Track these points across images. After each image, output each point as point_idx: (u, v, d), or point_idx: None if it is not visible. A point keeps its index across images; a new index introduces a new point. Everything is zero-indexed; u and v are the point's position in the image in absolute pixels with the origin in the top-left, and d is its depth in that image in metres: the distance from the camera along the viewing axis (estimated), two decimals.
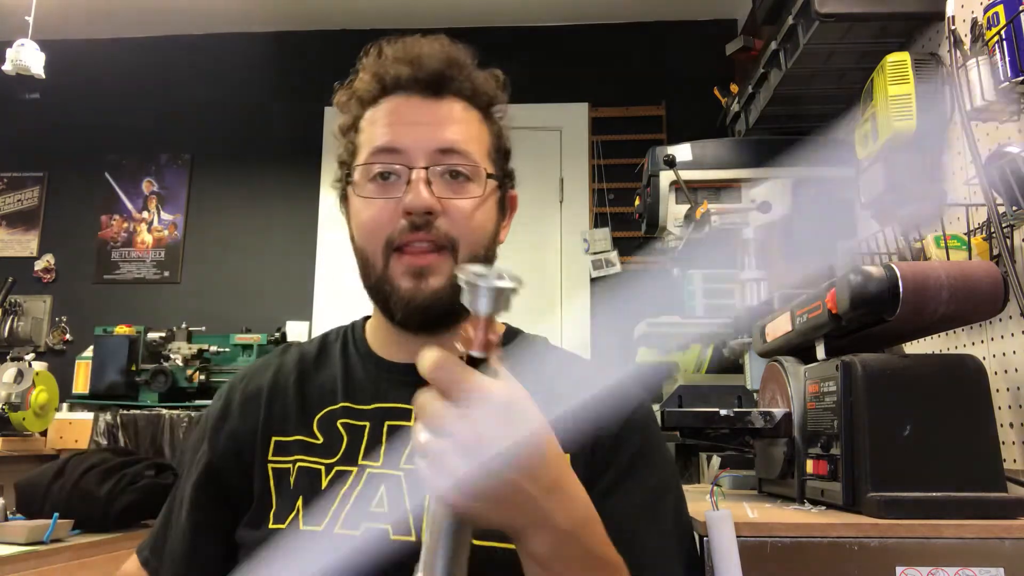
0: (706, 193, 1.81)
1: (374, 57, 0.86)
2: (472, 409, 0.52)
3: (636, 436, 0.80)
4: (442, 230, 0.79)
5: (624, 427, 0.80)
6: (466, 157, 0.81)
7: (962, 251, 1.35)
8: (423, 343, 0.84)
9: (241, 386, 0.89)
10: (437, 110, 0.83)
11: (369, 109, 0.85)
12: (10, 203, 3.67)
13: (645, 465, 0.79)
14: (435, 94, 0.83)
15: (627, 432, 0.80)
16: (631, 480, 0.78)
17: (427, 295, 0.79)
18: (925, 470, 0.88)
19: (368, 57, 0.87)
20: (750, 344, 1.61)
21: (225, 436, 0.85)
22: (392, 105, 0.83)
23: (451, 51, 0.85)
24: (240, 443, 0.84)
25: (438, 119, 0.82)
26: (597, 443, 0.79)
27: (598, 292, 3.29)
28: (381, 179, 0.81)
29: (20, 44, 2.84)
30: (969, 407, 0.91)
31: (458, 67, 0.84)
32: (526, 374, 0.85)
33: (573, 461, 0.78)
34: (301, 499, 0.78)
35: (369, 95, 0.85)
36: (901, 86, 1.56)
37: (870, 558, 0.81)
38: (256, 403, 0.86)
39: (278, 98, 3.58)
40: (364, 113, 0.85)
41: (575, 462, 0.78)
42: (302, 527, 0.76)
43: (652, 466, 0.80)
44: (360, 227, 0.83)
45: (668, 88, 3.41)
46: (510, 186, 0.91)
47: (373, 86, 0.85)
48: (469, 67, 0.86)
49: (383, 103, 0.84)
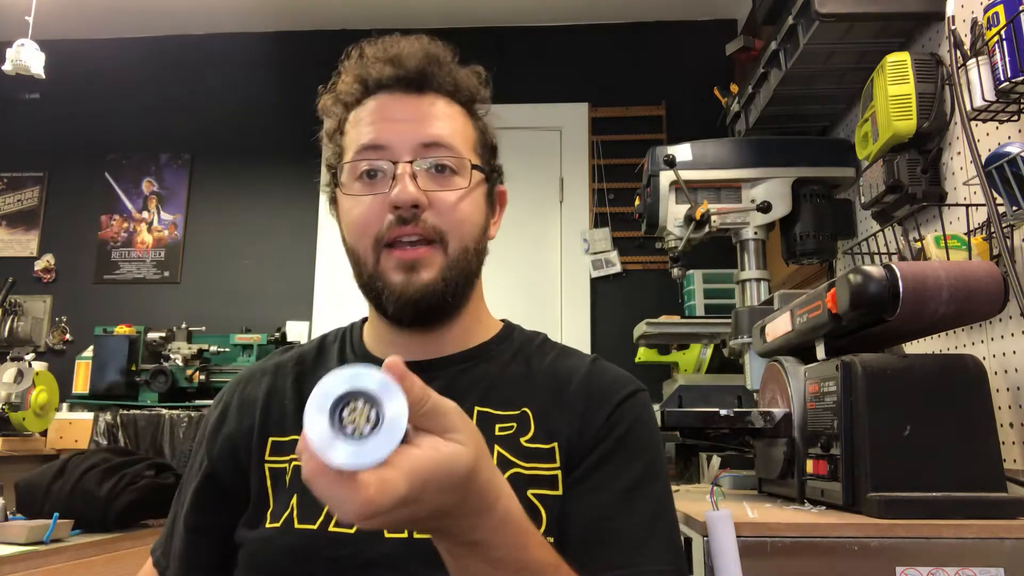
0: (706, 193, 1.81)
1: (355, 59, 0.87)
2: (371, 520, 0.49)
3: (623, 423, 0.80)
4: (429, 223, 0.80)
5: (612, 414, 0.81)
6: (451, 150, 0.82)
7: (962, 251, 1.35)
8: (419, 340, 0.85)
9: (238, 390, 0.90)
10: (420, 106, 0.83)
11: (353, 110, 0.86)
12: (10, 203, 3.67)
13: (629, 453, 0.79)
14: (417, 90, 0.84)
15: (615, 419, 0.80)
16: (612, 465, 0.78)
17: (418, 288, 0.79)
18: (925, 470, 0.88)
19: (349, 59, 0.87)
20: (750, 344, 1.61)
21: (223, 439, 0.86)
22: (375, 104, 0.84)
23: (431, 48, 0.85)
24: (237, 445, 0.85)
25: (421, 115, 0.83)
26: (584, 429, 0.80)
27: (598, 292, 3.29)
28: (368, 177, 0.82)
29: (20, 44, 2.84)
30: (969, 407, 0.91)
31: (438, 64, 0.85)
32: (524, 370, 0.86)
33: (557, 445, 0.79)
34: (296, 497, 0.78)
35: (352, 97, 0.86)
36: (901, 86, 1.57)
37: (870, 558, 0.81)
38: (252, 406, 0.86)
39: (278, 98, 3.58)
40: (348, 115, 0.86)
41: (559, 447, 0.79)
42: (297, 525, 0.76)
43: (637, 453, 0.79)
44: (349, 226, 0.84)
45: (668, 88, 3.41)
46: (498, 181, 0.91)
47: (355, 87, 0.85)
48: (450, 63, 0.86)
49: (366, 103, 0.85)
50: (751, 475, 1.28)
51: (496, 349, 0.88)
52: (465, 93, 0.87)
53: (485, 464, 0.57)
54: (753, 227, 1.83)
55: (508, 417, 0.81)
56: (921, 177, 1.58)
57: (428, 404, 0.52)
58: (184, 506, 0.86)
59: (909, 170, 1.58)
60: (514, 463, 0.78)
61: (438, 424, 0.53)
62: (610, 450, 0.79)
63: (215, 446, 0.86)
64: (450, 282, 0.80)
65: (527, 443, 0.79)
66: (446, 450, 0.52)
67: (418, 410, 0.51)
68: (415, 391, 0.51)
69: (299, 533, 0.76)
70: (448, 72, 0.85)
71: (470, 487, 0.54)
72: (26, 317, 3.53)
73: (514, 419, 0.81)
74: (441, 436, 0.53)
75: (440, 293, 0.80)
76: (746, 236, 1.84)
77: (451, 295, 0.81)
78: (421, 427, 0.53)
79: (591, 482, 0.77)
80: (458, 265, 0.81)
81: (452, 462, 0.52)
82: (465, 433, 0.54)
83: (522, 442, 0.79)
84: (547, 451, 0.79)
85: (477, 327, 0.89)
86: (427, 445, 0.52)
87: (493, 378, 0.85)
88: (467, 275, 0.83)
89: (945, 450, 0.89)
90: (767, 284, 1.84)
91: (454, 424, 0.54)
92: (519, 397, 0.83)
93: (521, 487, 0.76)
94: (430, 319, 0.83)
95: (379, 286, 0.81)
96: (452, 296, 0.81)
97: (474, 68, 0.89)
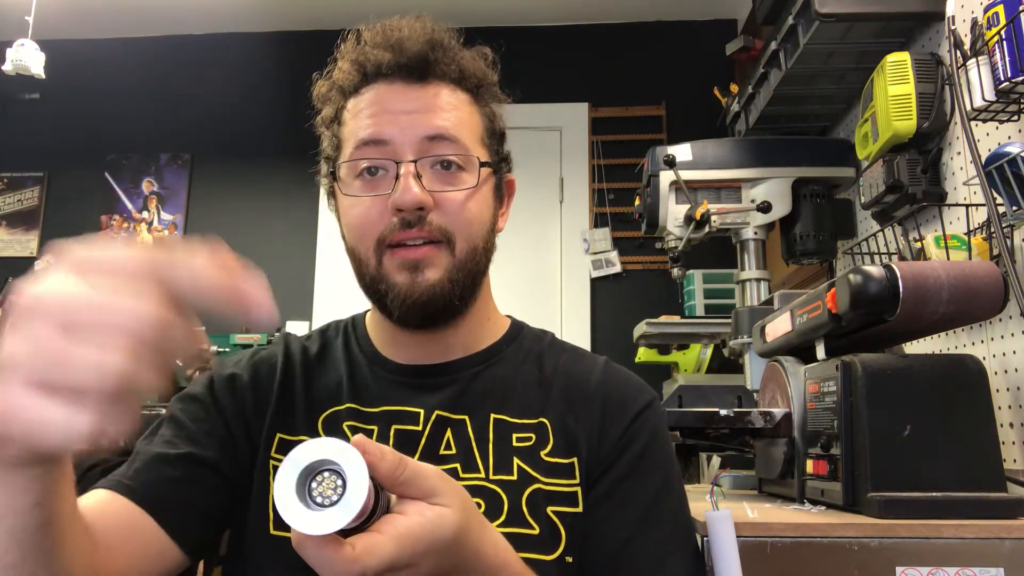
0: (706, 193, 1.81)
1: (352, 43, 0.82)
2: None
3: (641, 438, 0.80)
4: (436, 224, 0.75)
5: (630, 427, 0.80)
6: (457, 144, 0.77)
7: (962, 251, 1.35)
8: (427, 340, 0.82)
9: (250, 365, 0.84)
10: (423, 96, 0.78)
11: (351, 99, 0.80)
12: (10, 203, 3.67)
13: (646, 468, 0.79)
14: (419, 79, 0.79)
15: (632, 432, 0.80)
16: (631, 482, 0.78)
17: (424, 289, 0.76)
18: (925, 470, 0.88)
19: (347, 43, 0.82)
20: (750, 344, 1.61)
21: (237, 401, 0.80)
22: (375, 94, 0.79)
23: (434, 32, 0.80)
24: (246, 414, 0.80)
25: (424, 106, 0.77)
26: (602, 442, 0.79)
27: (598, 292, 3.29)
28: (368, 175, 0.77)
29: (20, 44, 2.84)
30: (969, 407, 0.91)
31: (442, 49, 0.79)
32: (537, 373, 0.84)
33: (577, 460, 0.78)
34: None
35: (350, 84, 0.80)
36: (901, 86, 1.57)
37: (870, 558, 0.81)
38: (268, 390, 0.82)
39: (278, 98, 3.57)
40: (346, 104, 0.81)
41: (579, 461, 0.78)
42: None
43: (653, 468, 0.79)
44: (350, 227, 0.79)
45: (668, 88, 3.41)
46: (506, 170, 0.86)
47: (354, 75, 0.80)
48: (454, 48, 0.81)
49: (365, 92, 0.79)
50: (751, 475, 1.28)
51: (507, 350, 0.86)
52: (471, 79, 0.82)
53: (475, 521, 0.57)
54: (753, 227, 1.83)
55: (526, 427, 0.79)
56: (921, 177, 1.58)
57: (407, 471, 0.52)
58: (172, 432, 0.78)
59: (909, 170, 1.58)
60: (536, 478, 0.76)
61: (420, 489, 0.53)
62: (629, 467, 0.78)
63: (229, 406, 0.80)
64: (457, 283, 0.77)
65: (547, 457, 0.78)
66: (431, 513, 0.53)
67: (397, 478, 0.52)
68: (388, 460, 0.51)
69: None
70: (452, 58, 0.80)
71: (464, 544, 0.55)
72: None
73: (532, 429, 0.79)
74: (425, 501, 0.53)
75: (447, 294, 0.76)
76: (746, 236, 1.84)
77: (458, 297, 0.78)
78: (405, 495, 0.53)
79: (611, 503, 0.76)
80: (466, 266, 0.78)
81: (440, 523, 0.53)
82: (449, 495, 0.54)
83: (542, 456, 0.78)
84: (567, 466, 0.78)
85: (486, 325, 0.86)
86: (412, 511, 0.52)
87: (507, 382, 0.82)
88: (475, 275, 0.79)
89: (945, 450, 0.89)
90: (767, 284, 1.84)
91: (437, 487, 0.54)
92: (535, 405, 0.81)
93: (542, 503, 0.75)
94: (437, 321, 0.79)
95: (382, 288, 0.77)
96: (459, 298, 0.78)
97: (480, 49, 0.85)
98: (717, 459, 1.65)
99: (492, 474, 0.76)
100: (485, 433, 0.79)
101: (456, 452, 0.78)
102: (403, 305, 0.76)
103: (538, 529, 0.74)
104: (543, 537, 0.74)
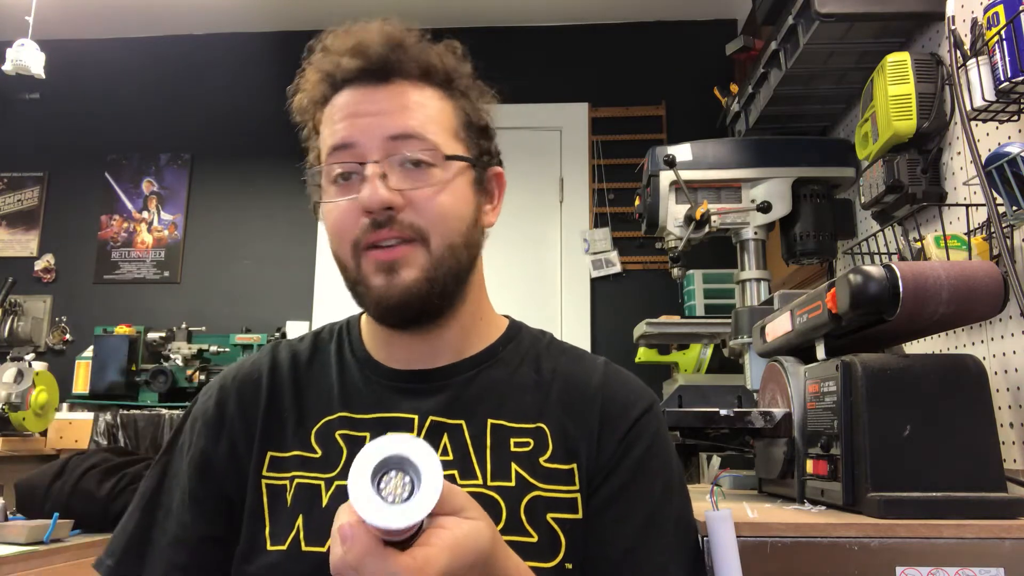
0: (706, 193, 1.81)
1: (319, 53, 0.82)
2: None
3: (641, 443, 0.79)
4: (407, 222, 0.75)
5: (629, 432, 0.79)
6: (423, 141, 0.76)
7: (962, 251, 1.35)
8: (416, 341, 0.81)
9: (235, 387, 0.84)
10: (387, 97, 0.78)
11: (323, 109, 0.81)
12: (10, 203, 3.67)
13: (647, 474, 0.78)
14: (383, 80, 0.78)
15: (632, 438, 0.79)
16: (632, 489, 0.77)
17: (400, 290, 0.75)
18: (925, 470, 0.88)
19: (314, 53, 0.83)
20: (750, 344, 1.61)
21: (225, 437, 0.81)
22: (342, 100, 0.79)
23: (392, 31, 0.79)
24: (237, 448, 0.80)
25: (388, 107, 0.77)
26: (601, 447, 0.78)
27: (598, 292, 3.29)
28: (342, 180, 0.77)
29: (20, 44, 2.84)
30: (969, 407, 0.91)
31: (402, 48, 0.79)
32: (535, 376, 0.84)
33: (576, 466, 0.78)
34: (301, 517, 0.75)
35: (321, 95, 0.81)
36: (901, 86, 1.57)
37: (870, 558, 0.81)
38: (254, 411, 0.82)
39: (278, 98, 3.55)
40: (320, 114, 0.82)
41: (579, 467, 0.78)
42: (304, 548, 0.73)
43: (654, 474, 0.79)
44: (329, 232, 0.80)
45: (668, 88, 3.41)
46: (491, 163, 0.85)
47: (322, 85, 0.81)
48: (416, 45, 0.80)
49: (335, 100, 0.80)
50: (751, 475, 1.28)
51: (504, 352, 0.84)
52: (439, 74, 0.80)
53: (497, 534, 0.62)
54: (753, 227, 1.83)
55: (523, 431, 0.79)
56: (921, 177, 1.58)
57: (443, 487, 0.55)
58: (178, 497, 0.80)
59: (909, 170, 1.58)
60: (534, 485, 0.76)
61: (451, 505, 0.57)
62: (629, 473, 0.78)
63: (215, 442, 0.81)
64: (436, 282, 0.76)
65: (546, 463, 0.77)
66: (467, 526, 0.57)
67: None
68: None
69: (309, 557, 0.73)
70: (413, 55, 0.79)
71: (496, 555, 0.60)
72: (26, 317, 3.53)
73: (530, 434, 0.78)
74: (458, 515, 0.57)
75: (424, 294, 0.75)
76: (746, 236, 1.84)
77: (438, 296, 0.77)
78: (438, 511, 0.56)
79: (612, 510, 0.76)
80: (444, 263, 0.76)
81: (477, 536, 0.57)
82: (476, 509, 0.59)
83: (541, 462, 0.77)
84: (566, 472, 0.77)
85: (480, 326, 0.85)
86: (451, 524, 0.56)
87: (503, 386, 0.81)
88: (456, 272, 0.78)
89: (945, 450, 0.89)
90: (767, 284, 1.84)
91: (466, 503, 0.58)
92: (533, 409, 0.80)
93: (541, 510, 0.75)
94: (420, 321, 0.79)
95: (362, 291, 0.77)
96: (440, 297, 0.77)
97: (448, 43, 0.83)
98: (717, 459, 1.65)
99: (490, 480, 0.76)
100: (482, 438, 0.78)
101: (453, 458, 0.77)
102: (379, 306, 0.77)
103: (536, 537, 0.74)
104: (541, 545, 0.73)
